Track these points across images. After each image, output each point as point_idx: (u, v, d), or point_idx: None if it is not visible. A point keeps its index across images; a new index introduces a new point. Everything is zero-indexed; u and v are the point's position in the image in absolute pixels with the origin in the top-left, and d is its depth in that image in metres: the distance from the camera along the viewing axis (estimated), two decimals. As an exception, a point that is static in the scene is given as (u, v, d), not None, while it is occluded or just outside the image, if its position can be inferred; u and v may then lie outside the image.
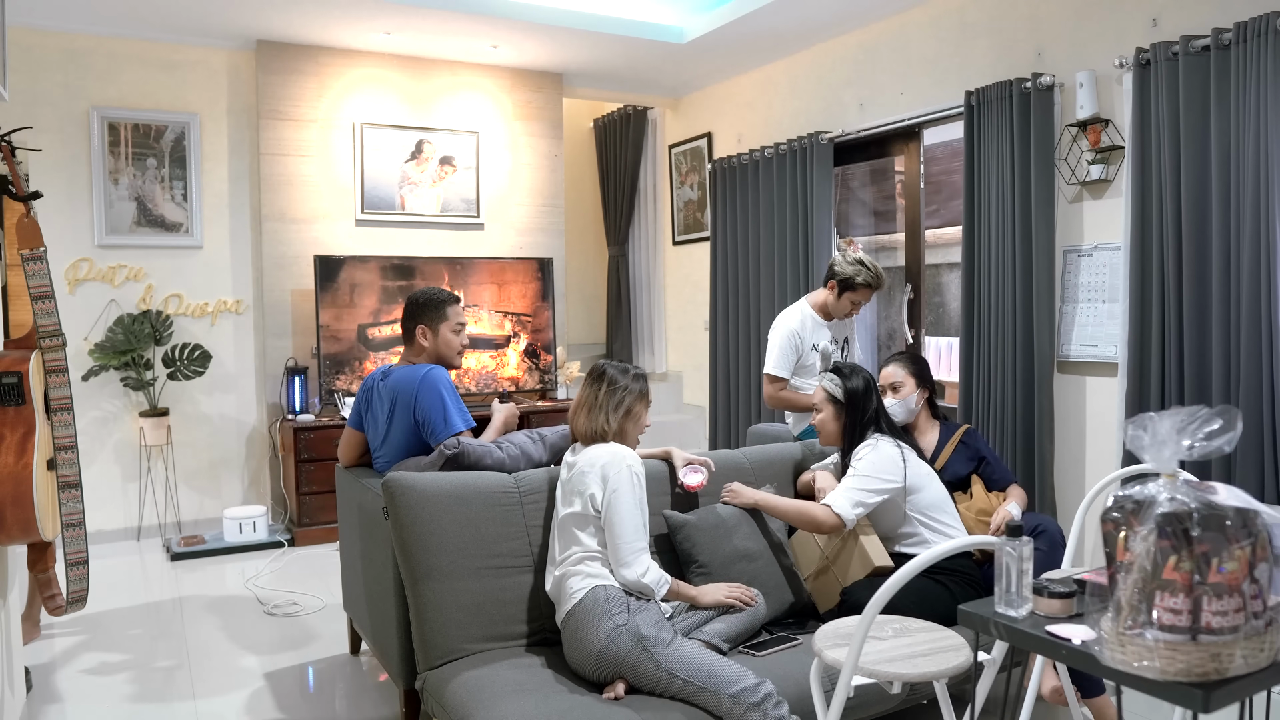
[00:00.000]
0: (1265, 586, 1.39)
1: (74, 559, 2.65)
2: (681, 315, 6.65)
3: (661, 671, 2.18)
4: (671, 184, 6.72)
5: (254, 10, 4.71)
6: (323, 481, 4.96)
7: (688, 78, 6.13)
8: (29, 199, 2.60)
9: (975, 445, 3.19)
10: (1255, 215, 3.15)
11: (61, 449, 2.57)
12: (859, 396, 2.87)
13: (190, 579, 4.39)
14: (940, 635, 2.05)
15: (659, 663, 2.18)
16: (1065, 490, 3.97)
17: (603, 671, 2.23)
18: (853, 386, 2.88)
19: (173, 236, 5.14)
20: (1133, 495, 1.43)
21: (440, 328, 3.06)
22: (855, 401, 2.87)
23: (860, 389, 2.88)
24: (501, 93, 5.88)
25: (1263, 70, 3.09)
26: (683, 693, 2.16)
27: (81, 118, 4.94)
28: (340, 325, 5.21)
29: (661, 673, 2.18)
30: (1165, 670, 1.35)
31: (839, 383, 2.89)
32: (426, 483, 2.51)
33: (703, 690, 2.15)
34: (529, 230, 6.03)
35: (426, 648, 2.41)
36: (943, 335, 5.25)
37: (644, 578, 2.32)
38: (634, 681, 2.21)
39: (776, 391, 3.72)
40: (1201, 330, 3.36)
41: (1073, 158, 3.88)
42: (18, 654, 2.84)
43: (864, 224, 5.73)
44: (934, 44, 4.55)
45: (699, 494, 2.89)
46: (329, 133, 5.41)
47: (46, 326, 2.53)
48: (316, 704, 2.99)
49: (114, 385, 5.03)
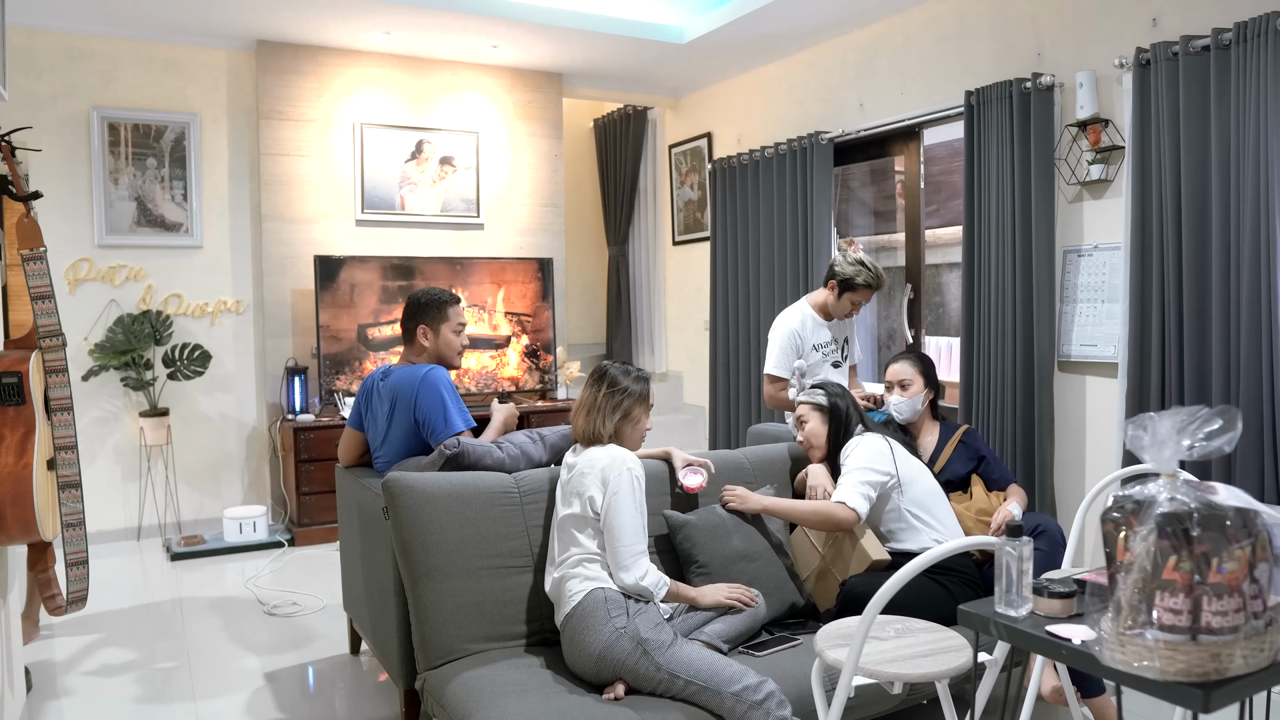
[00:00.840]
0: (1265, 586, 1.39)
1: (74, 559, 2.65)
2: (681, 315, 6.65)
3: (663, 673, 2.17)
4: (671, 184, 6.72)
5: (254, 10, 4.71)
6: (323, 481, 4.96)
7: (688, 78, 6.13)
8: (29, 199, 2.60)
9: (975, 445, 3.19)
10: (1255, 215, 3.15)
11: (61, 449, 2.57)
12: (841, 401, 2.97)
13: (190, 579, 4.39)
14: (941, 635, 2.05)
15: (659, 664, 2.18)
16: (1065, 490, 3.97)
17: (603, 673, 2.23)
18: (834, 392, 2.99)
19: (173, 236, 5.14)
20: (1133, 495, 1.43)
21: (441, 328, 3.06)
22: (839, 407, 2.96)
23: (840, 394, 2.99)
24: (501, 93, 5.88)
25: (1263, 70, 3.09)
26: (684, 693, 2.16)
27: (81, 118, 4.94)
28: (340, 325, 5.21)
29: (662, 674, 2.17)
30: (1165, 670, 1.35)
31: (821, 393, 3.01)
32: (426, 483, 2.51)
33: (704, 690, 2.15)
34: (529, 230, 6.03)
35: (426, 648, 2.41)
36: (943, 335, 5.25)
37: (643, 580, 2.32)
38: (634, 683, 2.21)
39: (776, 392, 3.72)
40: (1201, 330, 3.36)
41: (1073, 158, 3.88)
42: (18, 654, 2.85)
43: (864, 224, 5.73)
44: (934, 44, 4.55)
45: (699, 495, 2.89)
46: (329, 133, 5.41)
47: (46, 326, 2.53)
48: (316, 704, 2.99)
49: (114, 385, 5.03)
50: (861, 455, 2.80)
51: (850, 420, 2.95)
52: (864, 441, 2.85)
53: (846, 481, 2.75)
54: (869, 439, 2.86)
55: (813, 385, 3.11)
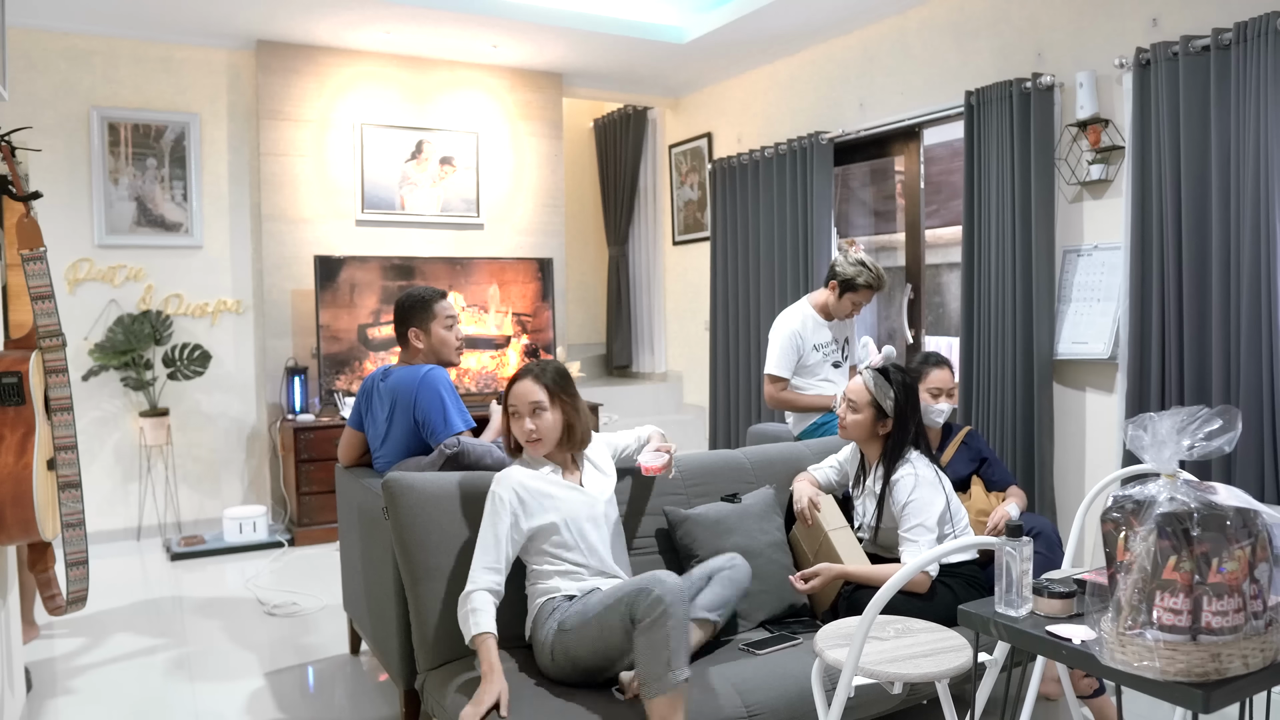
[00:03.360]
0: (1265, 586, 1.39)
1: (74, 559, 2.65)
2: (681, 315, 6.65)
3: (587, 627, 2.18)
4: (671, 184, 6.72)
5: (254, 10, 4.71)
6: (323, 481, 4.96)
7: (688, 78, 6.13)
8: (29, 199, 2.60)
9: (977, 446, 3.18)
10: (1255, 215, 3.15)
11: (61, 449, 2.57)
12: (907, 411, 2.71)
13: (190, 579, 4.39)
14: (941, 635, 2.05)
15: (574, 627, 2.20)
16: (1065, 490, 3.97)
17: (570, 670, 2.24)
18: (901, 400, 2.70)
19: (173, 236, 5.14)
20: (1133, 495, 1.43)
21: (431, 326, 3.05)
22: (904, 417, 2.70)
23: (907, 403, 2.71)
24: (502, 93, 5.88)
25: (1263, 70, 3.09)
26: (604, 621, 2.15)
27: (81, 118, 4.94)
28: (340, 325, 5.21)
29: (589, 627, 2.18)
30: (1165, 670, 1.35)
31: (890, 395, 2.70)
32: (426, 483, 2.51)
33: (609, 609, 2.15)
34: (529, 230, 6.03)
35: (426, 648, 2.41)
36: (943, 335, 5.25)
37: (468, 598, 2.23)
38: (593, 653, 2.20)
39: (777, 392, 3.72)
40: (1201, 330, 3.36)
41: (1073, 158, 3.88)
42: (18, 654, 2.85)
43: (864, 224, 5.73)
44: (934, 44, 4.55)
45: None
46: (329, 133, 5.41)
47: (46, 326, 2.53)
48: (316, 704, 2.99)
49: (114, 385, 5.03)
50: (922, 499, 2.60)
51: (909, 432, 2.70)
52: (917, 475, 2.63)
53: (919, 539, 2.57)
54: (921, 471, 2.65)
55: (884, 370, 2.74)
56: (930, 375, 3.14)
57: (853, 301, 3.65)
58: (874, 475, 2.76)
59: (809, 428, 3.71)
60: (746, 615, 2.63)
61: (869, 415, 2.72)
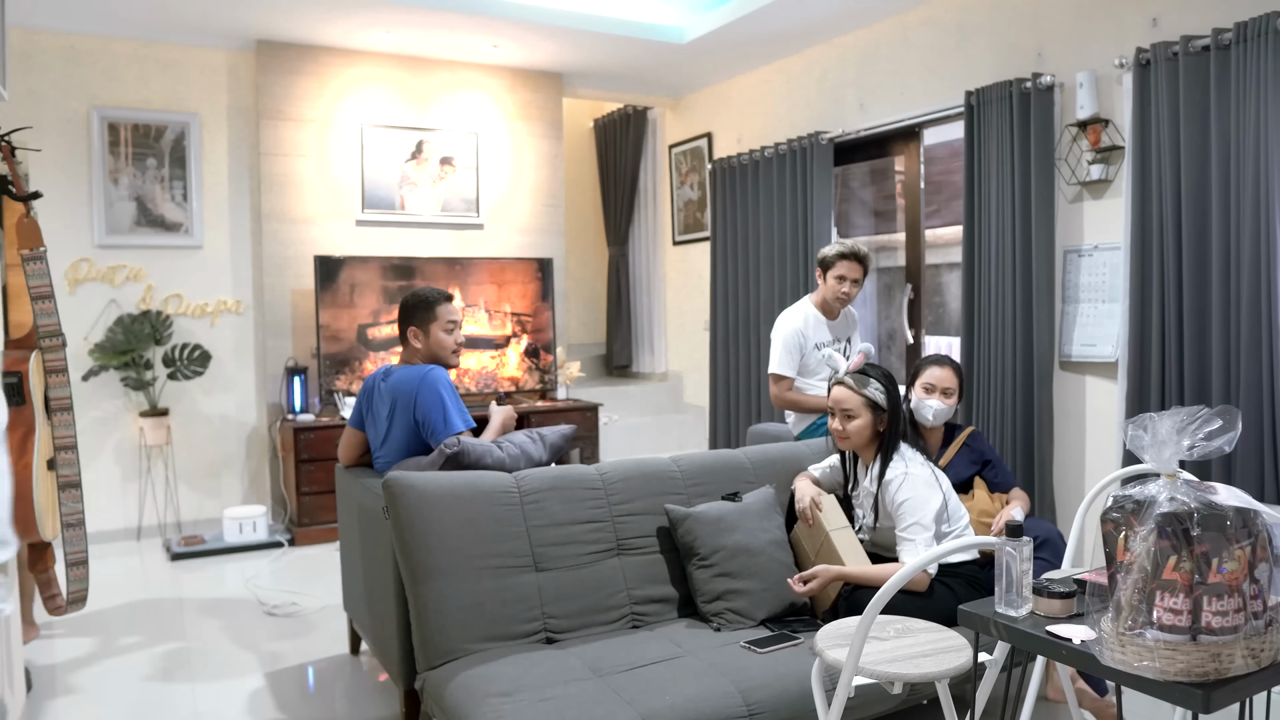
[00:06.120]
0: (1265, 586, 1.39)
1: (74, 559, 2.65)
2: (681, 315, 6.65)
3: None
4: (671, 184, 6.72)
5: (254, 10, 4.71)
6: (323, 481, 4.96)
7: (688, 78, 6.13)
8: (29, 199, 2.60)
9: (979, 448, 3.16)
10: (1255, 215, 3.15)
11: (61, 449, 2.57)
12: (897, 404, 2.74)
13: (190, 579, 4.39)
14: (942, 636, 2.05)
15: None
16: (1065, 490, 3.97)
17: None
18: (892, 393, 2.73)
19: (173, 236, 5.14)
20: (1133, 495, 1.43)
21: (431, 328, 3.05)
22: (895, 404, 2.73)
23: (896, 395, 2.74)
24: (502, 93, 5.88)
25: (1263, 70, 3.09)
26: None
27: (81, 118, 4.94)
28: (340, 325, 5.21)
29: None
30: (1165, 670, 1.35)
31: (882, 393, 2.73)
32: (426, 482, 2.51)
33: None
34: (529, 230, 6.03)
35: (426, 648, 2.41)
36: (943, 335, 5.25)
37: None
38: None
39: (783, 391, 3.71)
40: (1201, 330, 3.36)
41: (1073, 158, 3.88)
42: (18, 654, 2.84)
43: (864, 224, 5.73)
44: (934, 44, 4.55)
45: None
46: (329, 133, 5.41)
47: (46, 326, 2.53)
48: (316, 704, 2.99)
49: (114, 385, 5.03)
50: (917, 497, 2.61)
51: (901, 424, 2.74)
52: (910, 473, 2.64)
53: (905, 533, 2.59)
54: (914, 469, 2.66)
55: (868, 373, 2.79)
56: (926, 371, 3.12)
57: (838, 278, 3.63)
58: (870, 475, 2.76)
59: (809, 428, 3.71)
60: (747, 614, 2.63)
61: (868, 418, 2.72)
